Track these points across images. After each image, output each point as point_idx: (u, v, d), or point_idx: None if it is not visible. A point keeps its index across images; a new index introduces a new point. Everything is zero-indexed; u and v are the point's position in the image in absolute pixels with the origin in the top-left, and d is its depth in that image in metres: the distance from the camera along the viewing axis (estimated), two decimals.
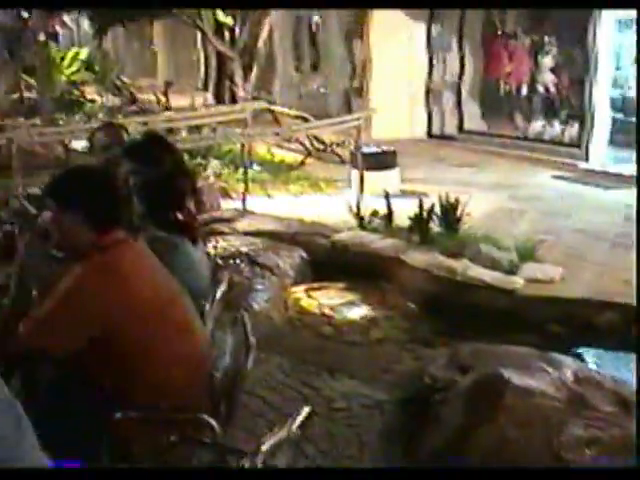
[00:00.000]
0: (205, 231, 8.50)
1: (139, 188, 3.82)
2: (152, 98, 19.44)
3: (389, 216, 9.09)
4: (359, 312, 7.58)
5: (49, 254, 3.33)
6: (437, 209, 8.78)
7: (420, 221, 8.57)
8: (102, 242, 3.18)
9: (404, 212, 9.08)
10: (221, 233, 8.62)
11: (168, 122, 10.59)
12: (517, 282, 7.22)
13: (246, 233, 8.77)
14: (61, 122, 17.20)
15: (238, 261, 7.11)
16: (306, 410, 2.62)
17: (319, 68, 21.74)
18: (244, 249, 7.74)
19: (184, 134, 12.62)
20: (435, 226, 8.70)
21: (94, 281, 3.10)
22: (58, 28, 33.00)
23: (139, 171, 3.94)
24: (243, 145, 10.37)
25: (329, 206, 10.95)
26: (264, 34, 13.88)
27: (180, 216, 3.92)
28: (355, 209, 9.64)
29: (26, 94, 20.35)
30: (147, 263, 3.33)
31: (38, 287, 3.35)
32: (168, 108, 15.80)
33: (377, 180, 11.00)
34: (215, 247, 7.57)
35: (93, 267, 3.13)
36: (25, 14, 19.43)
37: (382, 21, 16.92)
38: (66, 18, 28.42)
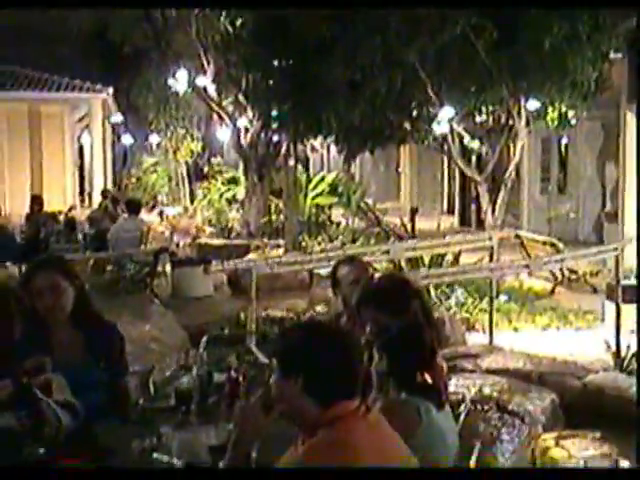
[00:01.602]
0: (448, 367, 8.04)
1: (381, 341, 3.37)
2: (396, 221, 19.39)
3: None
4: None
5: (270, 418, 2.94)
6: None
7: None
8: (327, 416, 2.73)
9: None
10: (464, 370, 8.08)
11: (412, 250, 10.27)
12: None
13: (491, 371, 8.19)
14: (303, 243, 17.45)
15: (485, 406, 6.52)
16: None
17: (567, 191, 21.05)
18: (489, 390, 7.14)
19: (426, 260, 12.32)
20: None
21: (318, 463, 2.65)
22: (309, 153, 34.25)
23: (382, 321, 3.53)
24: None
25: (580, 341, 10.29)
26: (515, 158, 13.44)
27: (427, 376, 3.41)
28: (613, 347, 8.84)
29: (274, 216, 20.94)
30: (382, 439, 2.83)
31: (258, 457, 2.97)
32: (413, 235, 15.60)
33: (633, 313, 10.14)
34: (458, 390, 7.02)
35: (316, 447, 2.69)
36: (276, 138, 20.11)
37: (636, 142, 16.05)
38: (316, 143, 29.34)
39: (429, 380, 3.39)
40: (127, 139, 32.31)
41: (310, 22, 12.29)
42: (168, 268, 13.15)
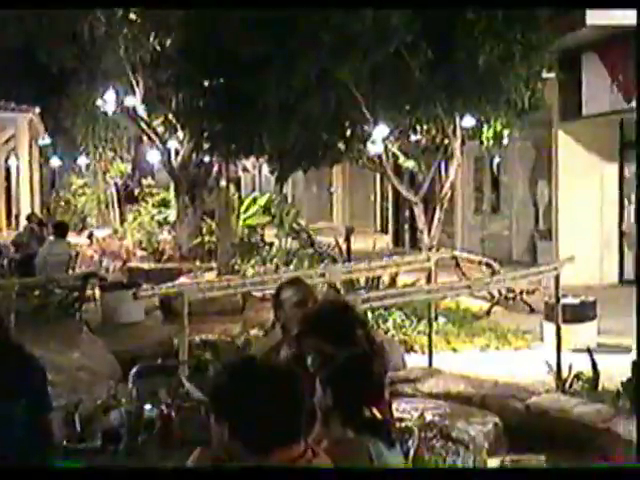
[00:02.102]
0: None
1: (324, 373, 3.11)
2: (330, 241, 19.18)
3: (595, 378, 8.11)
4: None
5: None
6: None
7: (635, 387, 7.55)
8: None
9: (606, 369, 8.25)
10: (402, 395, 7.89)
11: (349, 273, 10.06)
12: None
13: (432, 395, 8.01)
14: (237, 266, 17.11)
15: (428, 434, 6.29)
16: None
17: (500, 210, 21.10)
18: (432, 416, 6.94)
19: (362, 281, 12.12)
20: None
21: None
22: (241, 173, 33.88)
23: (325, 351, 3.26)
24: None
25: (520, 362, 10.20)
26: (450, 177, 13.33)
27: (375, 411, 3.14)
28: (554, 368, 8.72)
29: (207, 238, 20.57)
30: None
31: None
32: (348, 256, 15.37)
33: (572, 333, 10.10)
34: (400, 415, 6.80)
35: None
36: (207, 158, 19.79)
37: (570, 162, 16.15)
38: (248, 164, 29.05)
39: (377, 415, 3.13)
40: (55, 161, 31.62)
41: (242, 40, 12.03)
42: (98, 293, 12.75)
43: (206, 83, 14.08)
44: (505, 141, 13.91)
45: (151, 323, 12.33)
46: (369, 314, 10.70)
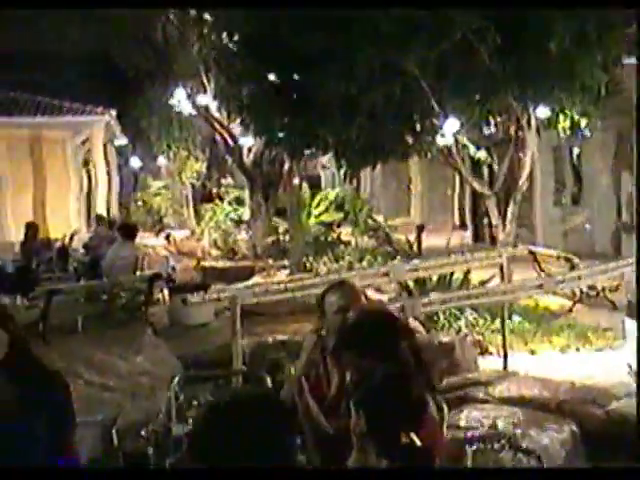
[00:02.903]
0: (457, 397, 7.44)
1: (358, 395, 2.76)
2: (409, 238, 18.78)
3: None
4: None
5: None
6: None
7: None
8: None
9: None
10: (475, 401, 7.49)
11: (414, 271, 9.65)
12: None
13: (504, 400, 7.58)
14: (308, 264, 16.82)
15: (496, 445, 5.88)
16: None
17: (581, 202, 20.39)
18: (504, 425, 6.52)
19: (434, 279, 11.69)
20: None
21: None
22: (320, 171, 33.68)
23: (363, 367, 2.92)
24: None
25: (601, 363, 9.63)
26: (526, 170, 12.77)
27: (415, 438, 2.74)
28: (635, 370, 8.18)
29: (282, 237, 20.42)
30: None
31: None
32: (419, 253, 14.96)
33: None
34: (470, 424, 6.40)
35: None
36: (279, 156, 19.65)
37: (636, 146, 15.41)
38: (324, 161, 28.84)
39: (416, 441, 2.74)
40: (135, 162, 31.93)
41: (303, 33, 11.69)
42: (165, 293, 12.62)
43: (272, 78, 13.80)
44: (587, 132, 13.29)
45: (219, 325, 12.10)
46: (440, 314, 10.33)
